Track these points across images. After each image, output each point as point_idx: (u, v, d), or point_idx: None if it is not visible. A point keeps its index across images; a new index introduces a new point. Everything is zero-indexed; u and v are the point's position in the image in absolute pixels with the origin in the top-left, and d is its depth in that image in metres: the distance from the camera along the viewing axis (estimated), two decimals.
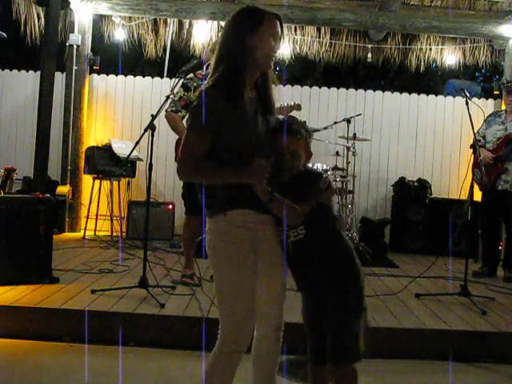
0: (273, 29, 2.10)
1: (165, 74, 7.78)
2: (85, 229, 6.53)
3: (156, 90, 7.13)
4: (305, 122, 2.29)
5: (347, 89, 7.50)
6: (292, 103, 4.58)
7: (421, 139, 7.37)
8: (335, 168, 6.09)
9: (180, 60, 8.65)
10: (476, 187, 5.21)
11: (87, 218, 6.59)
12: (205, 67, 4.48)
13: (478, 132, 5.39)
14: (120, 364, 3.12)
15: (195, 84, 4.36)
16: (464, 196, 5.22)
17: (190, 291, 4.14)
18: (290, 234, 2.14)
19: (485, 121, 5.52)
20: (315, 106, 7.28)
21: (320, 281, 2.16)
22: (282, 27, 2.14)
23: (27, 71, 7.40)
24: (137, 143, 3.96)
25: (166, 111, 4.37)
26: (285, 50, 7.66)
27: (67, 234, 6.65)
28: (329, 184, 2.20)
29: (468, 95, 4.43)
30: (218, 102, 2.01)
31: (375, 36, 7.52)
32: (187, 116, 4.39)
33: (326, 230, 2.18)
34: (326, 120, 6.70)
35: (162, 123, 4.44)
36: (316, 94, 7.42)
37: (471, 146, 4.53)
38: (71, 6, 6.70)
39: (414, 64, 7.96)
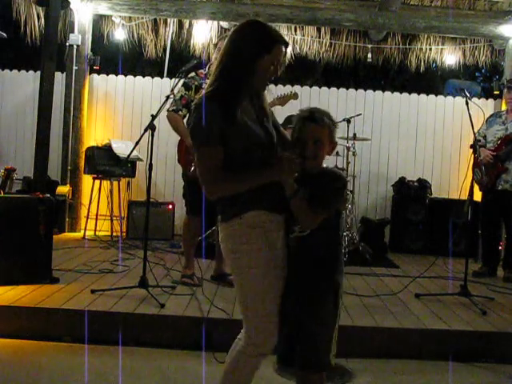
0: (278, 57, 2.10)
1: (165, 73, 7.78)
2: (85, 229, 6.53)
3: (156, 90, 7.13)
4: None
5: (347, 89, 7.50)
6: (289, 92, 4.62)
7: (421, 139, 7.37)
8: (335, 168, 6.09)
9: (180, 60, 8.65)
10: (476, 187, 5.21)
11: (87, 218, 6.59)
12: (207, 66, 4.49)
13: (478, 132, 5.40)
14: (120, 364, 3.12)
15: (196, 83, 4.36)
16: (464, 196, 5.21)
17: (190, 291, 4.14)
18: (296, 228, 2.11)
19: (486, 121, 5.52)
20: (315, 106, 7.25)
21: (305, 283, 2.09)
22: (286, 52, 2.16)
23: (27, 71, 7.40)
24: (137, 143, 3.96)
25: (168, 111, 4.37)
26: None
27: (67, 234, 6.65)
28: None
29: (468, 95, 4.43)
30: (216, 113, 2.00)
31: (375, 36, 7.52)
32: (188, 116, 4.40)
33: (334, 234, 2.14)
34: None
35: (161, 123, 4.45)
36: (316, 94, 7.42)
37: (471, 146, 4.52)
38: (71, 6, 6.70)
39: (414, 64, 7.96)
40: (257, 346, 2.07)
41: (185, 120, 4.43)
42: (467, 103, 4.34)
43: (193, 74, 4.42)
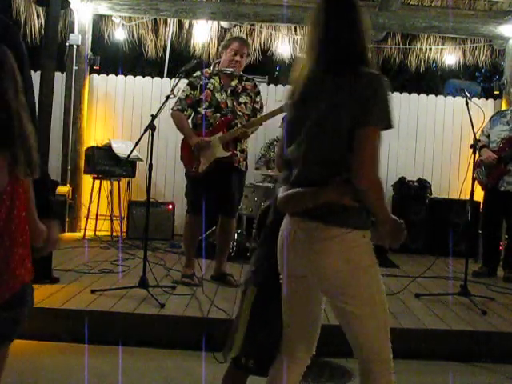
0: None
1: (165, 73, 7.78)
2: (85, 229, 6.53)
3: (156, 90, 7.13)
4: None
5: None
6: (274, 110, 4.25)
7: (421, 139, 7.36)
8: None
9: (180, 60, 8.65)
10: (477, 188, 5.20)
11: (87, 217, 6.58)
12: (212, 65, 4.49)
13: (482, 131, 5.38)
14: (120, 364, 3.12)
15: (201, 82, 4.34)
16: (464, 196, 5.22)
17: (190, 291, 4.14)
18: None
19: (489, 120, 5.50)
20: None
21: None
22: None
23: None
24: (137, 143, 3.96)
25: (172, 110, 4.37)
26: (285, 50, 7.67)
27: (67, 234, 6.63)
28: None
29: (468, 95, 4.43)
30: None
31: (375, 36, 7.51)
32: (192, 115, 4.40)
33: None
34: None
35: (161, 123, 4.45)
36: None
37: (471, 146, 4.52)
38: (71, 6, 6.69)
39: (414, 64, 7.95)
40: (388, 361, 1.89)
41: (189, 120, 4.43)
42: (467, 103, 4.34)
43: (198, 73, 4.41)
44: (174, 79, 4.19)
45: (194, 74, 4.41)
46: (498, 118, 5.50)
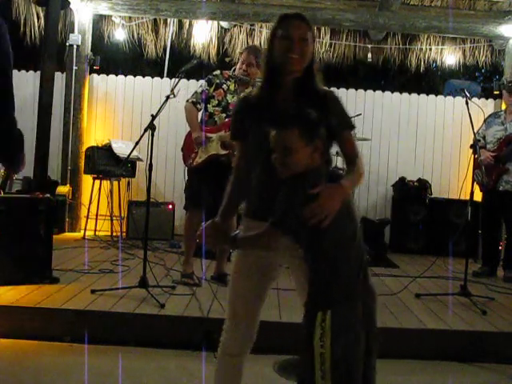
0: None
1: (165, 74, 7.78)
2: (85, 229, 6.53)
3: (156, 90, 7.13)
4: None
5: (347, 89, 7.49)
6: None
7: (421, 139, 7.37)
8: (335, 168, 6.09)
9: (180, 60, 8.65)
10: (477, 188, 5.21)
11: (87, 217, 6.58)
12: (232, 69, 4.53)
13: (477, 133, 5.40)
14: (120, 364, 3.12)
15: (218, 81, 4.42)
16: (464, 196, 5.22)
17: (190, 291, 4.14)
18: None
19: (484, 121, 5.53)
20: None
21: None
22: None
23: (27, 71, 7.39)
24: (137, 143, 3.96)
25: (187, 101, 4.45)
26: None
27: (67, 234, 6.64)
28: None
29: (468, 95, 4.43)
30: None
31: (375, 36, 7.52)
32: (202, 109, 4.44)
33: None
34: None
35: (161, 123, 4.44)
36: None
37: (471, 146, 4.53)
38: (71, 6, 6.70)
39: (413, 64, 7.95)
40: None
41: (199, 113, 4.46)
42: (467, 103, 4.34)
43: (218, 71, 4.51)
44: (173, 79, 4.19)
45: (214, 72, 4.50)
46: (493, 119, 5.54)
